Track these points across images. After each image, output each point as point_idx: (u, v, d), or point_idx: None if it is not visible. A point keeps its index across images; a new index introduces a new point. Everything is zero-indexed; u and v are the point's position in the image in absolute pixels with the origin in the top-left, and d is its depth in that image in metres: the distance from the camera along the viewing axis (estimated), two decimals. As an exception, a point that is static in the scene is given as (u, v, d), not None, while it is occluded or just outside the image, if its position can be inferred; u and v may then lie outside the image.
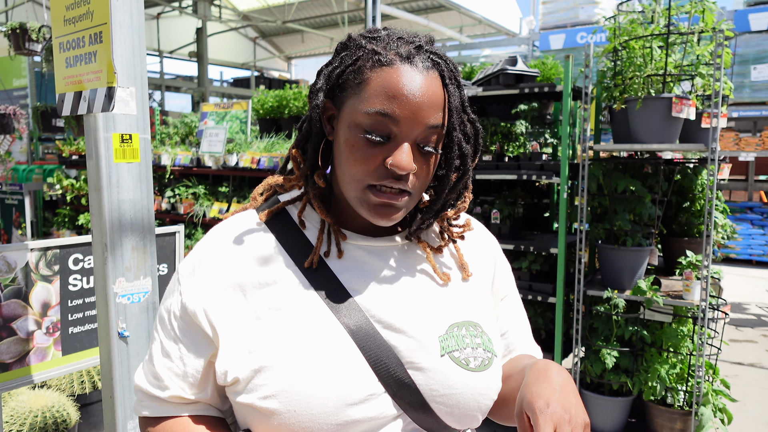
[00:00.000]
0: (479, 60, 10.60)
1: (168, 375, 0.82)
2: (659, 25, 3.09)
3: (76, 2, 1.49)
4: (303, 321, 0.77)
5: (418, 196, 0.80)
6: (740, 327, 5.75)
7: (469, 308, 0.87)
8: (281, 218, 0.86)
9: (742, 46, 7.35)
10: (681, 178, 3.42)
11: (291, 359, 0.74)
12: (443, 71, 0.78)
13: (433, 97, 0.76)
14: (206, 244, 0.85)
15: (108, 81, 1.44)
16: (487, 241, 1.00)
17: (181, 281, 0.83)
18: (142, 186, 1.57)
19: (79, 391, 2.63)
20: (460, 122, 0.81)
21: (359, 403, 0.74)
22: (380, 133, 0.75)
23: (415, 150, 0.77)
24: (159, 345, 0.83)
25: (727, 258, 8.68)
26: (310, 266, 0.81)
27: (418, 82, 0.75)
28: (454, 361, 0.79)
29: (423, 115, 0.75)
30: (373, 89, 0.75)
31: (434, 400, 0.78)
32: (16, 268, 1.83)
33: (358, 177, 0.77)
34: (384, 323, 0.79)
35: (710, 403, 2.97)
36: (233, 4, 13.44)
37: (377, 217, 0.78)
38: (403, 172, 0.75)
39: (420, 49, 0.77)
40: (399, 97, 0.74)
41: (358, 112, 0.76)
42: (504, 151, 3.66)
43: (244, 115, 4.88)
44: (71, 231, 5.96)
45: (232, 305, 0.79)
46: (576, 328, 3.18)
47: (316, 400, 0.72)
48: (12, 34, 4.09)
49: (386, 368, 0.76)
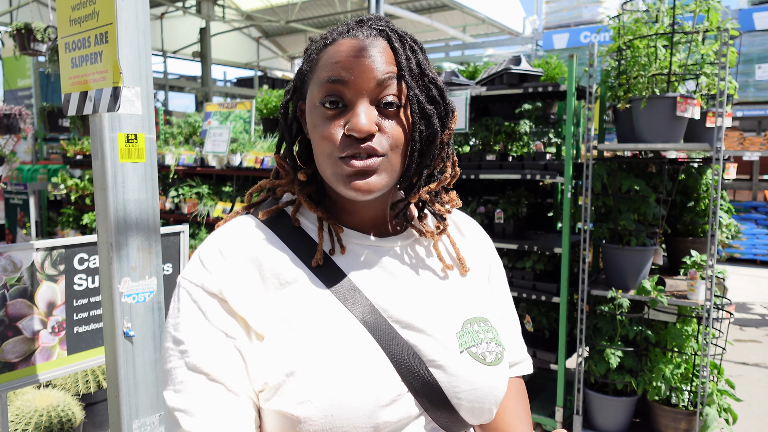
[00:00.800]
0: (482, 59, 10.59)
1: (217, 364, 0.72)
2: (664, 25, 3.08)
3: (82, 2, 1.49)
4: (325, 322, 0.75)
5: (395, 159, 0.77)
6: (744, 327, 5.74)
7: (478, 304, 0.88)
8: (282, 219, 0.85)
9: (747, 45, 7.33)
10: (685, 178, 3.41)
11: (323, 362, 0.72)
12: (389, 36, 0.78)
13: (380, 54, 0.76)
14: (214, 246, 0.79)
15: (113, 81, 1.45)
16: (482, 237, 1.01)
17: (190, 287, 0.76)
18: (147, 186, 1.58)
19: (84, 391, 2.64)
20: (419, 82, 0.79)
21: (388, 405, 0.73)
22: (333, 99, 0.76)
23: (374, 110, 0.76)
24: (189, 345, 0.74)
25: (732, 258, 8.66)
26: (319, 265, 0.80)
27: (360, 45, 0.76)
28: (473, 357, 0.80)
29: (370, 70, 0.74)
30: (321, 66, 0.78)
31: (456, 396, 0.78)
32: (21, 267, 1.84)
33: (327, 152, 0.76)
34: (402, 323, 0.79)
35: (715, 403, 2.96)
36: (236, 4, 13.45)
37: (355, 190, 0.75)
38: (362, 134, 0.73)
39: (362, 23, 0.80)
40: (342, 60, 0.75)
41: (312, 92, 0.79)
42: (508, 151, 3.66)
43: (247, 115, 4.89)
44: (75, 231, 5.98)
45: (260, 305, 0.76)
46: (580, 328, 3.17)
47: (351, 403, 0.70)
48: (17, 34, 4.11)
49: (408, 368, 0.76)
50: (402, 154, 0.78)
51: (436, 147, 0.81)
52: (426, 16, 11.76)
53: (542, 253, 3.47)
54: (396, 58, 0.77)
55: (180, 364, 0.73)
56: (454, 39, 12.75)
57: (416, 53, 0.80)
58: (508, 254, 3.56)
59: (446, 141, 0.84)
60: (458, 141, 3.95)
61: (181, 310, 0.76)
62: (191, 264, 0.79)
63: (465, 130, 3.39)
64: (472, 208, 3.62)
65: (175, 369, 0.73)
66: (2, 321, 1.81)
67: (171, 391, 0.73)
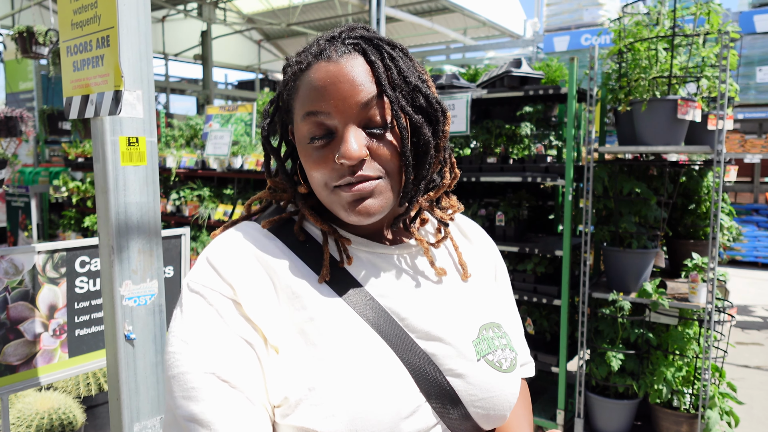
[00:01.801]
0: (483, 62, 10.61)
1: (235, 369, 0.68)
2: (664, 27, 3.08)
3: (84, 6, 1.50)
4: (343, 334, 0.73)
5: (392, 179, 0.76)
6: (746, 330, 5.72)
7: (491, 309, 0.87)
8: (287, 228, 0.83)
9: (747, 48, 7.34)
10: (686, 180, 3.41)
11: (344, 376, 0.70)
12: (364, 49, 0.75)
13: (357, 75, 0.73)
14: (223, 250, 0.76)
15: (115, 84, 1.45)
16: (488, 241, 1.00)
17: (203, 290, 0.73)
18: (148, 189, 1.58)
19: (85, 393, 2.64)
20: (403, 92, 0.76)
21: (409, 416, 0.72)
22: (320, 132, 0.75)
23: (362, 133, 0.74)
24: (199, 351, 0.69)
25: (733, 260, 8.65)
26: (333, 277, 0.78)
27: (334, 70, 0.73)
28: (489, 365, 0.79)
29: (351, 96, 0.72)
30: (300, 97, 0.76)
31: (473, 404, 0.77)
32: (23, 270, 1.84)
33: (321, 182, 0.76)
34: (419, 332, 0.77)
35: (717, 406, 2.95)
36: (238, 7, 13.49)
37: (356, 215, 0.75)
38: (353, 160, 0.72)
39: (333, 40, 0.77)
40: (319, 90, 0.73)
41: (297, 124, 0.77)
42: (509, 154, 3.66)
43: (248, 118, 4.90)
44: (77, 233, 5.99)
45: (274, 315, 0.73)
46: (581, 331, 3.17)
47: (374, 416, 0.68)
48: (19, 37, 4.12)
49: (426, 377, 0.75)
50: (398, 172, 0.77)
51: (431, 156, 0.80)
52: (427, 18, 11.78)
53: (543, 256, 3.47)
54: (374, 72, 0.74)
55: (192, 369, 0.68)
56: (455, 42, 12.77)
57: (396, 60, 0.77)
58: (509, 257, 3.56)
59: (442, 146, 0.83)
60: (459, 144, 3.95)
61: (192, 314, 0.71)
62: (200, 268, 0.75)
63: (466, 133, 3.40)
64: (473, 211, 3.62)
65: (185, 374, 0.68)
66: (4, 324, 1.81)
67: (180, 398, 0.68)
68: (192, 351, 0.69)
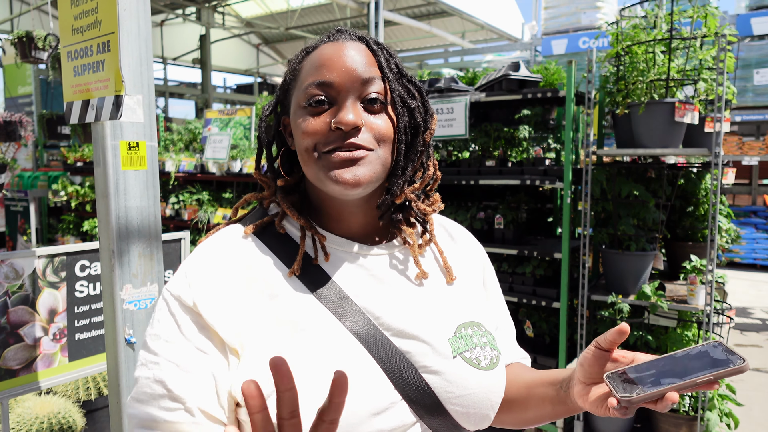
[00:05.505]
0: (482, 65, 10.63)
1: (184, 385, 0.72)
2: (662, 30, 3.10)
3: (85, 12, 1.51)
4: (314, 331, 0.75)
5: (383, 153, 0.79)
6: (745, 331, 5.73)
7: (471, 309, 0.87)
8: (269, 229, 0.85)
9: (745, 51, 7.37)
10: (684, 183, 3.42)
11: (317, 373, 0.71)
12: (367, 41, 0.82)
13: (362, 57, 0.79)
14: (198, 258, 0.79)
15: (116, 89, 1.46)
16: (473, 242, 1.01)
17: (169, 298, 0.77)
18: (149, 193, 1.59)
19: (85, 398, 2.64)
20: (399, 81, 0.83)
21: (381, 413, 0.73)
22: (319, 99, 0.78)
23: (360, 106, 0.78)
24: (162, 359, 0.74)
25: (732, 262, 8.66)
26: (309, 275, 0.79)
27: (340, 47, 0.79)
28: (467, 362, 0.80)
29: (354, 71, 0.77)
30: (304, 73, 0.81)
31: (450, 402, 0.78)
32: (23, 274, 1.84)
33: (310, 147, 0.77)
34: (393, 329, 0.78)
35: (716, 408, 2.96)
36: (236, 11, 13.51)
37: (343, 181, 0.75)
38: (349, 126, 0.75)
39: (341, 31, 0.84)
40: (326, 63, 0.78)
41: (298, 97, 0.80)
42: (507, 157, 3.67)
43: (247, 122, 4.91)
44: (76, 237, 5.99)
45: (242, 317, 0.75)
46: (580, 333, 3.17)
47: (347, 412, 0.69)
48: (18, 42, 4.13)
49: (401, 375, 0.76)
50: (390, 149, 0.80)
51: (419, 143, 0.83)
52: (425, 22, 11.80)
53: (542, 259, 3.48)
54: (376, 58, 0.80)
55: (148, 375, 0.74)
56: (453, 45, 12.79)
57: (393, 57, 0.84)
58: (508, 260, 3.57)
59: (428, 141, 0.86)
60: (458, 147, 3.96)
61: (159, 321, 0.76)
62: (176, 275, 0.79)
63: (464, 136, 3.41)
64: (471, 214, 3.63)
65: (141, 378, 0.75)
66: (4, 328, 1.81)
67: (133, 400, 0.75)
68: (149, 357, 0.75)
